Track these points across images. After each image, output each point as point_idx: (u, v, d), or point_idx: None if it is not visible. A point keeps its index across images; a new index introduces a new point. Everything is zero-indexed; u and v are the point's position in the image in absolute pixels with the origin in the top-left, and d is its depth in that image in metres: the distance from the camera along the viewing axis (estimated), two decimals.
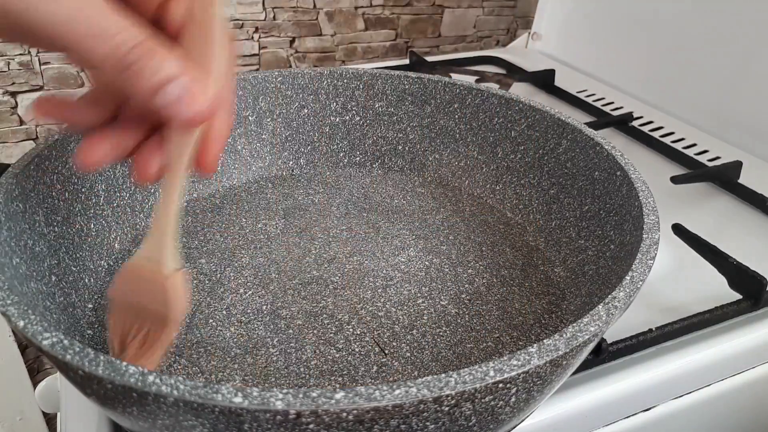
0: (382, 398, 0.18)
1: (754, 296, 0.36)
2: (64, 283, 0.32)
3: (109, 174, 0.38)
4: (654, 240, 0.28)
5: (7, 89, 0.74)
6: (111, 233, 0.38)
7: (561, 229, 0.39)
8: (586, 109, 0.64)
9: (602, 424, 0.34)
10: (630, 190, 0.32)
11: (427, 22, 0.93)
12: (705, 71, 0.62)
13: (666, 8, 0.65)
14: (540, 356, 0.20)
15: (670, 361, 0.35)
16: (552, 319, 0.34)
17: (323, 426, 0.18)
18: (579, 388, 0.33)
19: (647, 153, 0.57)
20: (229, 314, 0.33)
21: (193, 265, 0.37)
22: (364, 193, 0.45)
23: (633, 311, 0.30)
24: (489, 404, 0.20)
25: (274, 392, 0.18)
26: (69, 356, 0.19)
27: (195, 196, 0.44)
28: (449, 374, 0.19)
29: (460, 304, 0.35)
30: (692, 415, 0.37)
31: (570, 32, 0.79)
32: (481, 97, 0.43)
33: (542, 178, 0.41)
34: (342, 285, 0.36)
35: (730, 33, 0.59)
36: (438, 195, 0.45)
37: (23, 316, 0.21)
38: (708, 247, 0.39)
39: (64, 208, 0.34)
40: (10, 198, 0.29)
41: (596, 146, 0.36)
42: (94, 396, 0.21)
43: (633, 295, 0.24)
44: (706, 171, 0.51)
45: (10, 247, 0.28)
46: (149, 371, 0.18)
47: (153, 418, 0.19)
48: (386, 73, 0.46)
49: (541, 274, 0.37)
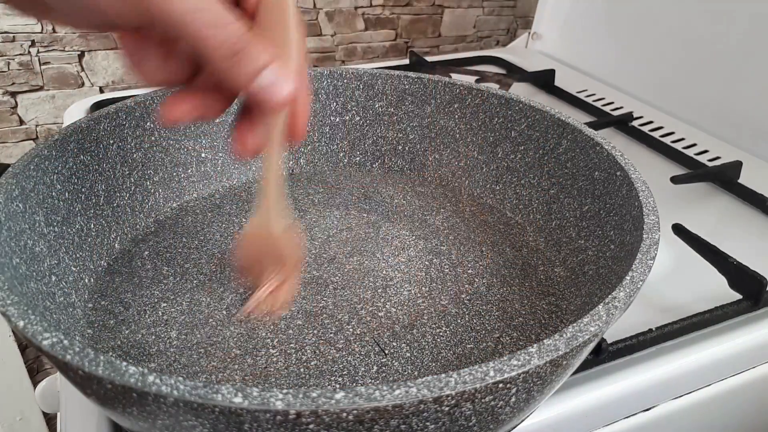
0: (382, 398, 0.18)
1: (754, 296, 0.36)
2: (64, 283, 0.32)
3: (109, 174, 0.38)
4: (654, 240, 0.28)
5: (7, 89, 0.74)
6: (111, 233, 0.38)
7: (561, 229, 0.39)
8: (586, 109, 0.64)
9: (602, 424, 0.34)
10: (630, 190, 0.32)
11: (427, 22, 0.93)
12: (705, 71, 0.62)
13: (666, 8, 0.65)
14: (540, 356, 0.20)
15: (670, 361, 0.35)
16: (552, 319, 0.34)
17: (323, 426, 0.18)
18: (579, 388, 0.33)
19: (647, 153, 0.57)
20: (229, 314, 0.33)
21: (193, 265, 0.37)
22: (364, 193, 0.45)
23: (633, 311, 0.30)
24: (489, 404, 0.20)
25: (274, 392, 0.18)
26: (69, 356, 0.19)
27: (195, 196, 0.44)
28: (449, 374, 0.19)
29: (460, 304, 0.35)
30: (692, 415, 0.37)
31: (570, 32, 0.79)
32: (481, 97, 0.43)
33: (542, 178, 0.41)
34: (342, 285, 0.36)
35: (730, 33, 0.59)
36: (438, 195, 0.45)
37: (23, 316, 0.21)
38: (708, 247, 0.39)
39: (64, 208, 0.34)
40: (10, 198, 0.29)
41: (596, 146, 0.36)
42: (94, 396, 0.21)
43: (633, 295, 0.24)
44: (706, 171, 0.51)
45: (10, 247, 0.28)
46: (149, 371, 0.18)
47: (153, 418, 0.19)
48: (386, 73, 0.46)
49: (541, 274, 0.37)
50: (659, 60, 0.67)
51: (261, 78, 0.23)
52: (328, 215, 0.42)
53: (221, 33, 0.22)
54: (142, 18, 0.21)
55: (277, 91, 0.23)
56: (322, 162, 0.48)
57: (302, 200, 0.44)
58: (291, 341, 0.32)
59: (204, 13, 0.21)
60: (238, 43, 0.22)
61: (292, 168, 0.47)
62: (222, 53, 0.22)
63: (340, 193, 0.45)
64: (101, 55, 0.77)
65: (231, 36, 0.22)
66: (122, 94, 0.65)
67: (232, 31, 0.22)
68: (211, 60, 0.22)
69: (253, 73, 0.23)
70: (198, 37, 0.22)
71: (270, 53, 0.23)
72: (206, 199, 0.44)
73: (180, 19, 0.21)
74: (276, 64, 0.23)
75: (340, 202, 0.44)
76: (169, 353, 0.31)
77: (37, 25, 0.72)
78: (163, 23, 0.21)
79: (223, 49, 0.22)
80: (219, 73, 0.23)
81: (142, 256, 0.38)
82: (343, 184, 0.46)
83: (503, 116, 0.43)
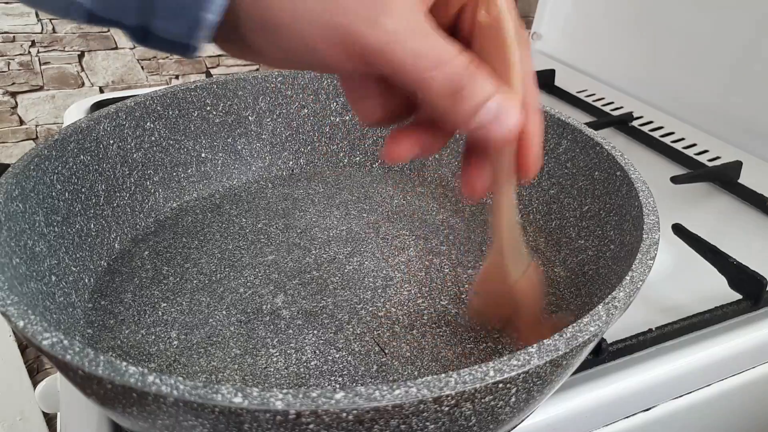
0: (382, 398, 0.18)
1: (754, 296, 0.36)
2: (64, 283, 0.32)
3: (109, 174, 0.38)
4: (654, 240, 0.28)
5: (7, 89, 0.74)
6: (111, 233, 0.38)
7: (561, 229, 0.39)
8: (586, 109, 0.64)
9: (602, 424, 0.34)
10: (630, 190, 0.32)
11: None
12: (705, 71, 0.62)
13: (666, 8, 0.65)
14: (540, 356, 0.20)
15: (670, 361, 0.35)
16: (552, 319, 0.34)
17: (323, 426, 0.18)
18: (579, 388, 0.33)
19: (647, 153, 0.57)
20: (229, 314, 0.33)
21: (193, 265, 0.37)
22: (364, 193, 0.45)
23: (633, 311, 0.30)
24: (489, 404, 0.20)
25: (274, 392, 0.18)
26: (69, 356, 0.19)
27: (195, 196, 0.44)
28: (449, 374, 0.19)
29: (460, 304, 0.35)
30: (692, 415, 0.37)
31: (570, 32, 0.79)
32: None
33: (542, 178, 0.41)
34: (342, 285, 0.36)
35: (730, 33, 0.59)
36: (438, 195, 0.45)
37: (23, 316, 0.21)
38: (708, 247, 0.39)
39: (64, 208, 0.34)
40: (10, 198, 0.29)
41: (596, 146, 0.36)
42: (94, 396, 0.21)
43: (633, 295, 0.24)
44: (706, 171, 0.51)
45: (10, 247, 0.28)
46: (149, 371, 0.18)
47: (153, 418, 0.19)
48: None
49: (541, 274, 0.37)
50: (659, 60, 0.67)
51: (482, 113, 0.21)
52: (328, 215, 0.42)
53: (442, 73, 0.20)
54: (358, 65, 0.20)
55: (499, 126, 0.21)
56: (322, 162, 0.48)
57: (302, 200, 0.44)
58: (291, 341, 0.32)
59: (423, 59, 0.20)
60: (461, 80, 0.20)
61: (292, 168, 0.47)
62: (443, 92, 0.20)
63: (340, 193, 0.45)
64: (101, 55, 0.77)
65: (453, 74, 0.20)
66: (122, 94, 0.65)
67: (454, 68, 0.20)
68: (431, 100, 0.21)
69: (473, 110, 0.20)
70: (419, 81, 0.20)
71: (492, 84, 0.21)
72: (206, 199, 0.44)
73: (400, 65, 0.20)
74: (499, 95, 0.21)
75: (340, 202, 0.44)
76: (169, 353, 0.31)
77: (37, 25, 0.72)
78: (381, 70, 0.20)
79: (445, 89, 0.20)
80: (439, 112, 0.21)
81: (142, 256, 0.38)
82: (343, 184, 0.46)
83: None
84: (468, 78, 0.20)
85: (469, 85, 0.20)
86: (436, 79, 0.20)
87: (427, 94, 0.20)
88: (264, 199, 0.44)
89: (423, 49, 0.20)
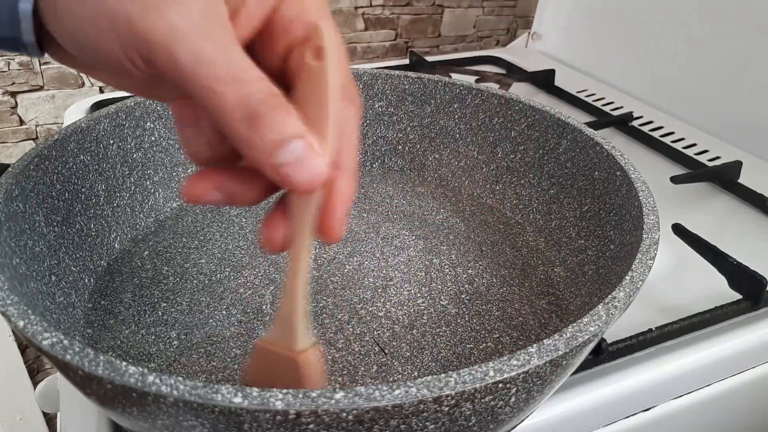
0: (382, 398, 0.18)
1: (754, 296, 0.36)
2: (64, 283, 0.32)
3: (109, 174, 0.38)
4: (654, 240, 0.28)
5: (7, 89, 0.74)
6: (111, 233, 0.38)
7: (561, 229, 0.39)
8: (586, 109, 0.64)
9: (602, 424, 0.34)
10: (630, 190, 0.32)
11: (427, 22, 0.93)
12: (705, 71, 0.62)
13: (666, 8, 0.65)
14: (540, 356, 0.20)
15: (670, 361, 0.35)
16: (552, 319, 0.34)
17: (323, 426, 0.18)
18: (579, 388, 0.33)
19: (647, 153, 0.57)
20: (229, 314, 0.33)
21: (193, 265, 0.37)
22: (364, 193, 0.45)
23: (633, 311, 0.30)
24: (489, 404, 0.20)
25: (273, 392, 0.18)
26: (69, 356, 0.19)
27: None
28: (449, 374, 0.19)
29: (460, 304, 0.35)
30: (692, 415, 0.37)
31: (570, 32, 0.79)
32: (481, 97, 0.43)
33: (542, 178, 0.41)
34: (342, 285, 0.36)
35: (730, 33, 0.59)
36: (438, 195, 0.45)
37: (23, 316, 0.21)
38: (708, 247, 0.39)
39: (64, 208, 0.34)
40: (10, 198, 0.29)
41: (596, 146, 0.36)
42: (94, 396, 0.21)
43: (633, 295, 0.24)
44: (706, 171, 0.51)
45: (10, 247, 0.28)
46: (149, 371, 0.18)
47: (153, 418, 0.19)
48: (386, 73, 0.46)
49: (541, 274, 0.37)
50: (659, 60, 0.67)
51: (284, 151, 0.18)
52: None
53: (237, 90, 0.18)
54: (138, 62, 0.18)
55: (301, 172, 0.19)
56: None
57: None
58: None
59: (213, 66, 0.17)
60: (262, 106, 0.18)
61: None
62: (237, 115, 0.18)
63: None
64: None
65: (250, 96, 0.18)
66: (122, 94, 0.65)
67: (253, 90, 0.18)
68: (223, 122, 0.18)
69: (276, 143, 0.18)
70: (208, 93, 0.18)
71: (299, 125, 0.19)
72: None
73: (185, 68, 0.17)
74: (307, 138, 0.19)
75: None
76: (169, 353, 0.31)
77: None
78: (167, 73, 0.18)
79: (241, 109, 0.18)
80: (235, 140, 0.18)
81: (142, 256, 0.38)
82: None
83: (503, 116, 0.43)
84: (268, 108, 0.18)
85: (269, 115, 0.18)
86: (228, 96, 0.18)
87: (218, 112, 0.18)
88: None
89: (214, 55, 0.17)
